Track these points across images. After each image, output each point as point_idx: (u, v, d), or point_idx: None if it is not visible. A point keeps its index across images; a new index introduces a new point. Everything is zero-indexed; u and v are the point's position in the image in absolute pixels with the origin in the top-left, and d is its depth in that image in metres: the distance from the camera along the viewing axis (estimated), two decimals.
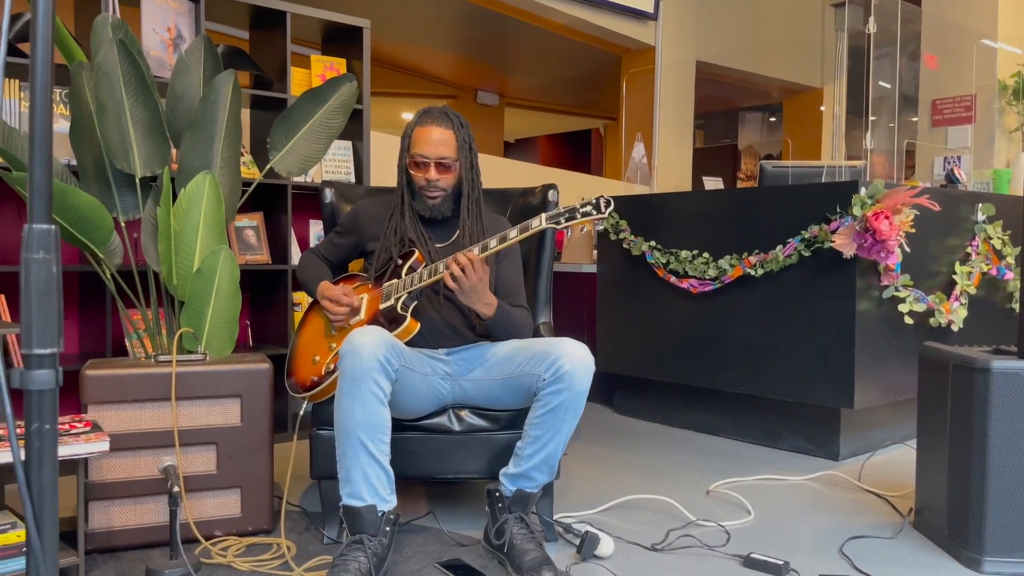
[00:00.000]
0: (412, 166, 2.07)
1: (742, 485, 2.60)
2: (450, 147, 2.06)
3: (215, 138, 2.42)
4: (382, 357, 1.77)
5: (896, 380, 2.96)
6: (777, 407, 3.11)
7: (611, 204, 1.80)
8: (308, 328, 2.21)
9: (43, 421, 0.59)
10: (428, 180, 2.06)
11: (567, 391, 1.83)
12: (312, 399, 2.04)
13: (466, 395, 2.05)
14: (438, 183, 2.06)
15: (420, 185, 2.07)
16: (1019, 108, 5.10)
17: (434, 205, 2.09)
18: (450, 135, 2.05)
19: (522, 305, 2.17)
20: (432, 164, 2.05)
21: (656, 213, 3.45)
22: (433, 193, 2.08)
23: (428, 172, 2.05)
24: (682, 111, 6.25)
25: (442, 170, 2.06)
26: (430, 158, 2.04)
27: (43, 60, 0.66)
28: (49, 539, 0.58)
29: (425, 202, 2.09)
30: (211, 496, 2.04)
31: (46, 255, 0.59)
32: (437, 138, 2.04)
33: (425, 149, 2.03)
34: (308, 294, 2.22)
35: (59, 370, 0.62)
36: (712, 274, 3.18)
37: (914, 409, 3.16)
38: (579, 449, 3.05)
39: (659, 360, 3.43)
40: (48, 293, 0.59)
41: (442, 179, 2.07)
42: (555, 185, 2.49)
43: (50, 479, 0.58)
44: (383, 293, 2.05)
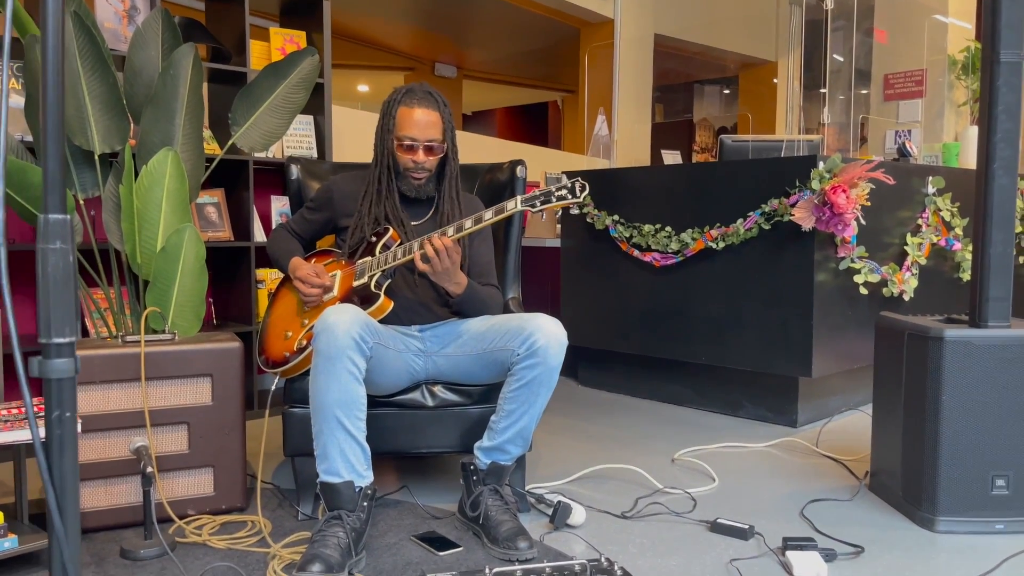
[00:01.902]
0: (400, 148, 2.06)
1: (705, 453, 2.67)
2: (438, 129, 2.06)
3: (176, 113, 2.38)
4: (357, 335, 1.78)
5: (851, 349, 3.06)
6: (738, 377, 3.19)
7: (586, 188, 1.83)
8: (280, 304, 2.20)
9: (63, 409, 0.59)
10: (416, 162, 2.06)
11: (541, 365, 1.86)
12: (284, 375, 2.05)
13: (439, 371, 2.07)
14: (424, 164, 2.07)
15: (406, 167, 2.07)
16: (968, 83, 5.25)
17: (419, 185, 2.10)
18: (437, 117, 2.05)
19: (493, 283, 2.19)
20: (421, 147, 2.05)
21: (619, 188, 3.49)
22: (420, 175, 2.08)
23: (416, 154, 2.05)
24: (641, 85, 6.29)
25: (429, 152, 2.07)
26: (419, 141, 2.04)
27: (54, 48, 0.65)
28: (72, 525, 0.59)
29: (410, 183, 2.09)
30: (184, 476, 2.04)
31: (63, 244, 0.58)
32: (426, 120, 2.04)
33: (414, 131, 2.03)
34: (279, 270, 2.21)
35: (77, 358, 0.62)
36: (674, 248, 3.23)
37: (868, 376, 3.27)
38: (546, 420, 3.10)
39: (623, 332, 3.49)
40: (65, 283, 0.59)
41: (428, 161, 2.07)
42: (523, 161, 2.50)
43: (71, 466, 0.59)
44: (356, 270, 2.06)
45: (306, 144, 3.38)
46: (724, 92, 9.98)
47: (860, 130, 5.72)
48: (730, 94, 9.80)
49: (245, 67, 3.11)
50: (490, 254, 2.25)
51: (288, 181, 2.47)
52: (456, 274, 1.96)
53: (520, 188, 2.46)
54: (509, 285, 2.46)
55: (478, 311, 2.10)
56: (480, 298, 2.07)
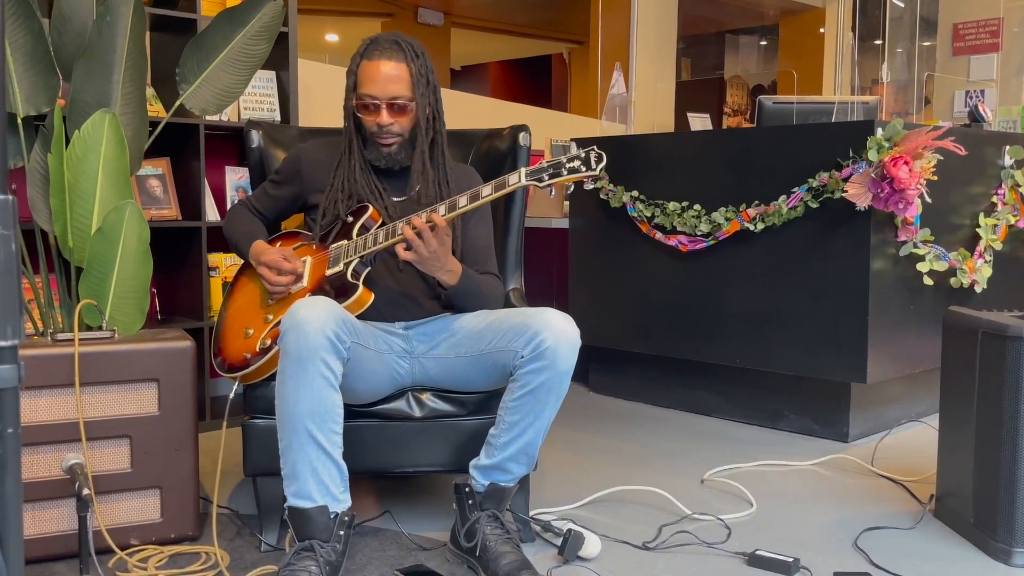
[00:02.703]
0: (361, 109, 2.06)
1: (741, 472, 2.69)
2: (403, 83, 2.04)
3: (114, 68, 2.37)
4: (331, 333, 1.78)
5: (913, 350, 3.07)
6: (779, 383, 3.21)
7: (603, 159, 1.83)
8: (239, 296, 2.20)
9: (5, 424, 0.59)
10: (380, 125, 2.05)
11: (549, 370, 1.87)
12: (244, 380, 2.05)
13: (428, 375, 2.08)
14: (392, 128, 2.06)
15: (371, 131, 2.07)
16: None
17: (389, 154, 2.09)
18: (402, 69, 2.04)
19: (492, 272, 2.19)
20: (383, 106, 2.04)
21: (638, 158, 3.49)
22: (387, 140, 2.07)
23: (379, 116, 2.04)
24: (664, 35, 6.27)
25: (395, 112, 2.05)
26: (380, 98, 2.03)
27: None
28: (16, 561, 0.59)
29: (379, 150, 2.09)
30: (126, 499, 2.05)
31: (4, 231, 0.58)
32: (388, 74, 2.02)
33: (373, 88, 2.03)
34: (239, 255, 2.21)
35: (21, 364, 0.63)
36: (704, 229, 3.24)
37: (933, 382, 3.29)
38: (552, 434, 3.11)
39: (642, 330, 3.50)
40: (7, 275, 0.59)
41: (396, 123, 2.06)
42: (526, 127, 2.50)
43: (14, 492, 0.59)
44: (330, 256, 2.06)
45: (268, 105, 3.37)
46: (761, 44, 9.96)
47: (924, 90, 5.72)
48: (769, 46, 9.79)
49: (195, 13, 3.10)
50: (489, 237, 2.25)
51: (247, 149, 2.46)
52: (447, 260, 1.97)
53: (524, 159, 2.46)
54: (510, 274, 2.47)
55: (474, 305, 2.10)
56: (477, 289, 2.08)
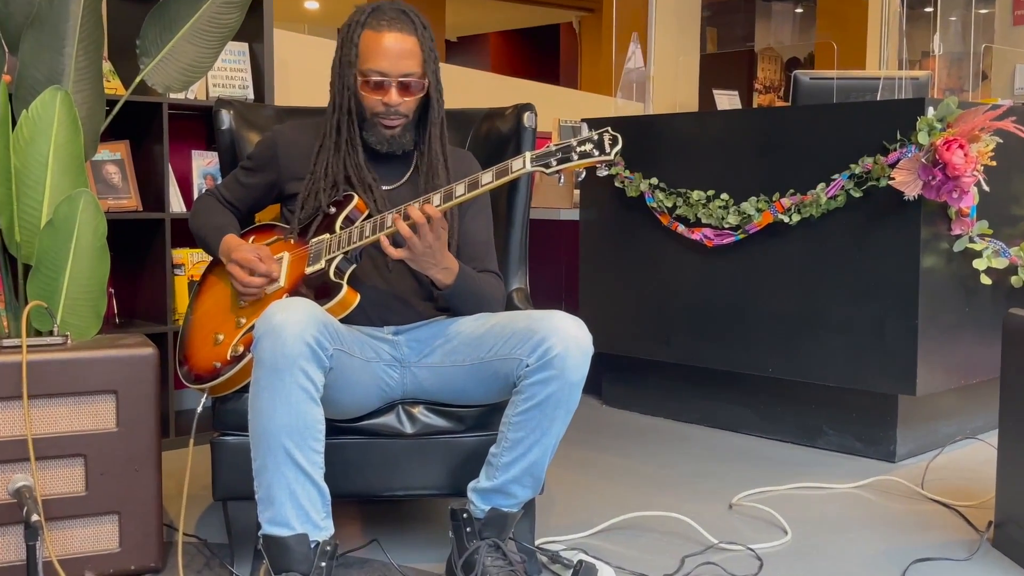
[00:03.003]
0: (365, 87, 2.06)
1: (774, 496, 2.68)
2: (415, 59, 2.05)
3: (66, 40, 2.37)
4: (312, 339, 1.78)
5: (969, 358, 3.06)
6: (817, 395, 3.20)
7: (618, 142, 1.82)
8: (208, 296, 2.20)
9: None
10: (388, 104, 2.05)
11: (558, 380, 1.86)
12: (213, 392, 2.05)
13: (420, 387, 2.07)
14: (399, 108, 2.06)
15: (376, 111, 2.07)
16: None
17: (392, 136, 2.09)
18: (414, 42, 2.05)
19: (492, 270, 2.20)
20: (394, 84, 2.04)
21: (658, 141, 3.48)
22: (393, 121, 2.08)
23: (388, 95, 2.05)
24: (687, 1, 6.27)
25: (405, 91, 2.06)
26: (390, 75, 2.04)
27: None
28: None
29: (380, 132, 2.09)
30: (80, 525, 2.04)
31: None
32: (399, 48, 2.03)
33: (384, 64, 2.03)
34: (207, 252, 2.20)
35: None
36: (732, 221, 3.23)
37: (992, 394, 3.28)
38: (561, 453, 3.11)
39: (662, 335, 3.49)
40: None
41: (404, 102, 2.07)
42: (531, 106, 2.50)
43: None
44: (310, 252, 2.06)
45: (240, 81, 3.37)
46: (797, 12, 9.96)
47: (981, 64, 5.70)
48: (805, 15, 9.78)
49: None
50: (488, 231, 2.25)
51: (216, 132, 2.46)
52: (443, 257, 1.96)
53: (529, 142, 2.46)
54: (513, 272, 2.46)
55: (473, 307, 2.10)
56: (476, 290, 2.08)
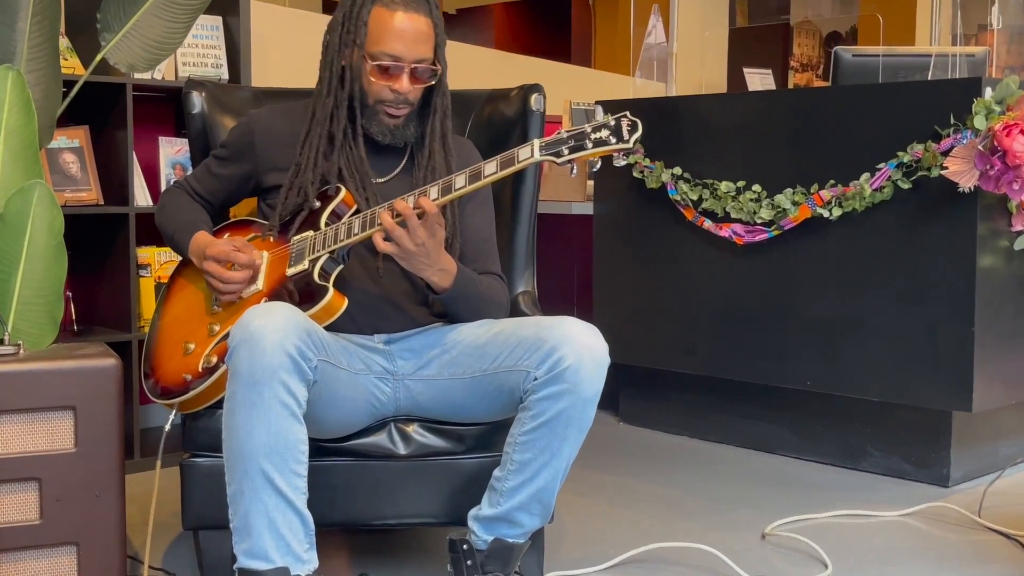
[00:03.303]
0: (374, 72, 2.07)
1: (813, 525, 2.68)
2: (430, 44, 2.07)
3: (18, 14, 2.37)
4: (294, 349, 1.78)
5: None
6: (860, 411, 3.19)
7: (638, 128, 1.82)
8: (177, 301, 2.21)
9: None
10: (397, 92, 2.06)
11: (570, 395, 1.86)
12: (182, 408, 2.06)
13: (415, 402, 2.08)
14: (408, 96, 2.08)
15: (381, 98, 2.08)
16: None
17: (396, 126, 2.11)
18: (428, 25, 2.07)
19: (495, 271, 2.20)
20: (406, 70, 2.05)
21: (682, 126, 3.48)
22: (400, 110, 2.09)
23: (399, 81, 2.06)
24: None
25: (417, 78, 2.08)
26: (404, 61, 2.05)
27: None
28: None
29: (383, 123, 2.10)
30: (34, 557, 2.04)
31: None
32: (415, 30, 2.05)
33: (398, 47, 2.04)
34: (176, 251, 2.21)
35: None
36: (765, 216, 3.23)
37: None
38: (573, 476, 3.10)
39: (686, 344, 3.49)
40: None
41: (414, 90, 2.08)
42: (539, 87, 2.51)
43: None
44: (291, 252, 2.06)
45: (213, 59, 3.38)
46: None
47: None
48: None
49: None
50: (491, 227, 2.26)
51: (187, 116, 2.46)
52: (438, 257, 1.97)
53: (537, 127, 2.47)
54: (519, 274, 2.47)
55: (473, 313, 2.10)
56: (477, 293, 2.08)
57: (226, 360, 1.84)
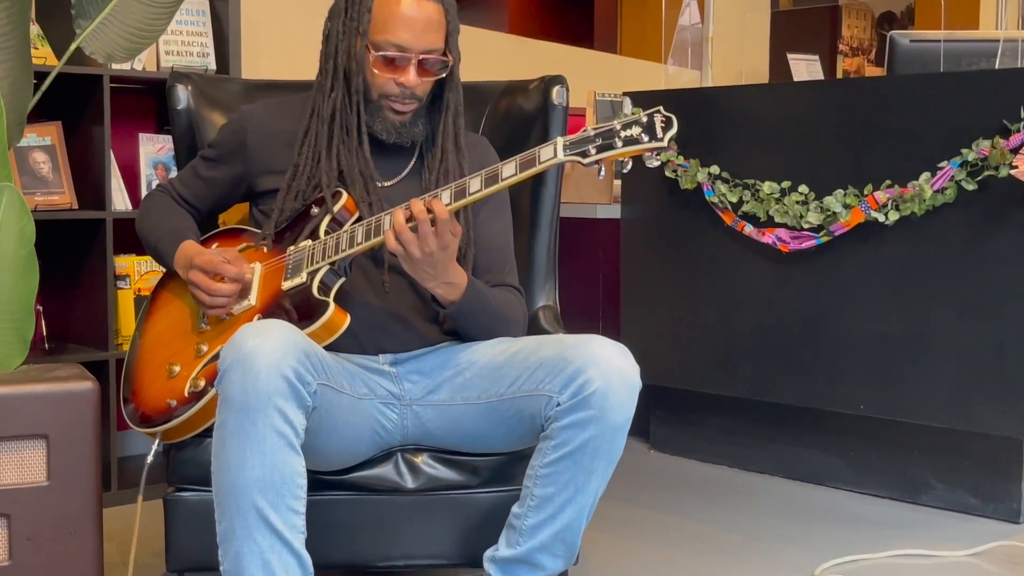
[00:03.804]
0: (378, 63, 2.08)
1: (868, 566, 2.67)
2: (440, 33, 2.08)
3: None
4: (291, 372, 1.79)
5: None
6: (920, 439, 3.18)
7: (672, 125, 1.82)
8: (161, 317, 2.21)
9: None
10: (404, 86, 2.07)
11: (597, 423, 1.86)
12: (167, 437, 2.06)
13: (425, 430, 2.08)
14: (415, 91, 2.08)
15: (386, 92, 2.09)
16: None
17: (403, 124, 2.11)
18: (439, 12, 2.07)
19: (511, 284, 2.20)
20: (414, 61, 2.06)
21: (720, 119, 3.48)
22: (406, 106, 2.10)
23: (405, 73, 2.07)
24: None
25: (425, 70, 2.08)
26: (412, 51, 2.06)
27: None
28: None
29: (388, 119, 2.11)
30: None
31: None
32: (424, 18, 2.05)
33: (404, 36, 2.05)
34: (159, 261, 2.22)
35: None
36: (813, 220, 3.22)
37: None
38: (601, 512, 3.09)
39: (725, 363, 3.49)
40: None
41: (422, 84, 2.09)
42: (562, 78, 2.51)
43: None
44: (288, 263, 2.07)
45: (199, 48, 3.39)
46: None
47: None
48: None
49: None
50: (508, 235, 2.26)
51: (171, 112, 2.47)
52: (448, 269, 1.97)
53: (559, 123, 2.47)
54: (538, 287, 2.47)
55: (486, 330, 2.10)
56: (491, 308, 2.09)
57: (215, 384, 1.84)
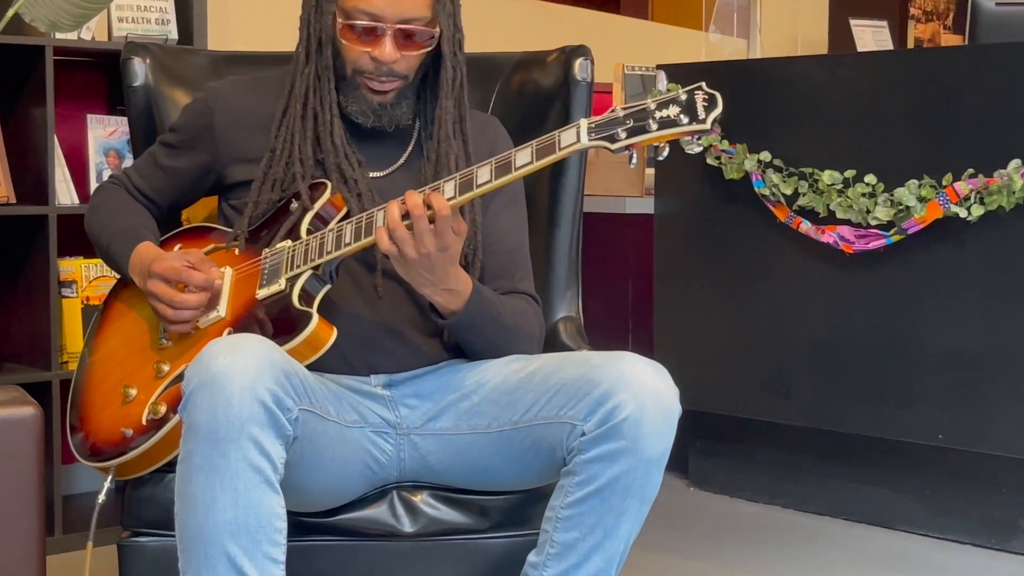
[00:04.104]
0: (347, 32, 2.08)
1: None
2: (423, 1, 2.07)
3: None
4: (268, 395, 1.78)
5: None
6: (1010, 474, 3.18)
7: (717, 104, 1.82)
8: (114, 331, 2.22)
9: None
10: (379, 61, 2.07)
11: (629, 455, 1.85)
12: (122, 472, 2.06)
13: (425, 464, 2.08)
14: (395, 67, 2.08)
15: (359, 67, 2.09)
16: None
17: (382, 105, 2.11)
18: None
19: (526, 291, 2.20)
20: (388, 32, 2.06)
21: (770, 97, 3.49)
22: (384, 85, 2.10)
23: (380, 47, 2.06)
24: None
25: (407, 42, 2.08)
26: (387, 20, 2.05)
27: None
28: None
29: (364, 100, 2.11)
30: None
31: None
32: None
33: (377, 3, 2.04)
34: (112, 266, 2.22)
35: None
36: (883, 216, 3.22)
37: None
38: (632, 559, 3.09)
39: (776, 385, 3.49)
40: None
41: (403, 60, 2.08)
42: (586, 50, 2.51)
43: None
44: (263, 268, 2.07)
45: (157, 15, 3.40)
46: None
47: None
48: None
49: None
50: (522, 233, 2.26)
51: (126, 90, 2.48)
52: (446, 274, 1.96)
53: (582, 102, 2.47)
54: (558, 295, 2.47)
55: (493, 346, 2.10)
56: (500, 320, 2.08)
57: (179, 410, 1.83)
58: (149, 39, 3.28)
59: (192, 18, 3.40)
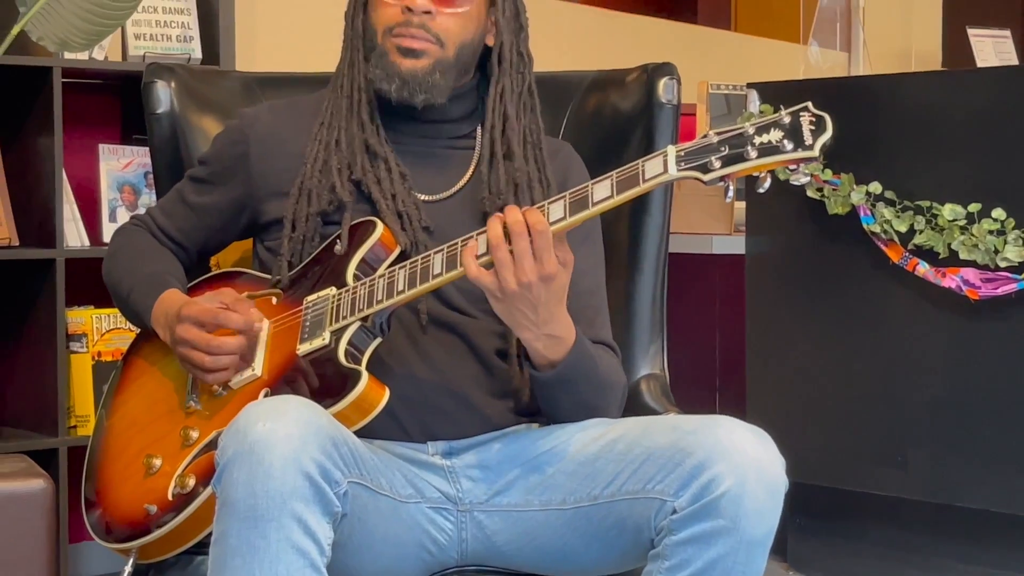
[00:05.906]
0: None
1: None
2: None
3: None
4: (314, 466, 1.78)
5: None
6: None
7: (826, 127, 1.80)
8: (135, 392, 2.23)
9: None
10: (412, 9, 2.09)
11: (728, 536, 1.84)
12: (145, 554, 2.06)
13: (490, 545, 2.07)
14: (429, 24, 2.09)
15: (391, 25, 2.12)
16: None
17: (412, 70, 2.11)
18: None
19: (605, 341, 2.20)
20: None
21: (879, 120, 3.48)
22: (417, 41, 2.11)
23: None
24: None
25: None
26: None
27: None
28: None
29: (392, 64, 2.12)
30: None
31: None
32: None
33: None
34: (132, 319, 2.25)
35: None
36: (1013, 257, 3.20)
37: None
38: None
39: (892, 452, 3.47)
40: None
41: (439, 17, 2.10)
42: (671, 68, 2.52)
43: None
44: (304, 320, 2.08)
45: (180, 31, 3.43)
46: None
47: None
48: None
49: None
50: (598, 276, 2.27)
51: (148, 117, 2.49)
52: (551, 314, 1.92)
53: (668, 127, 2.48)
54: (640, 349, 2.47)
55: (587, 406, 2.09)
56: (598, 375, 2.07)
57: (212, 484, 1.84)
58: (170, 58, 3.30)
59: (218, 33, 3.43)
